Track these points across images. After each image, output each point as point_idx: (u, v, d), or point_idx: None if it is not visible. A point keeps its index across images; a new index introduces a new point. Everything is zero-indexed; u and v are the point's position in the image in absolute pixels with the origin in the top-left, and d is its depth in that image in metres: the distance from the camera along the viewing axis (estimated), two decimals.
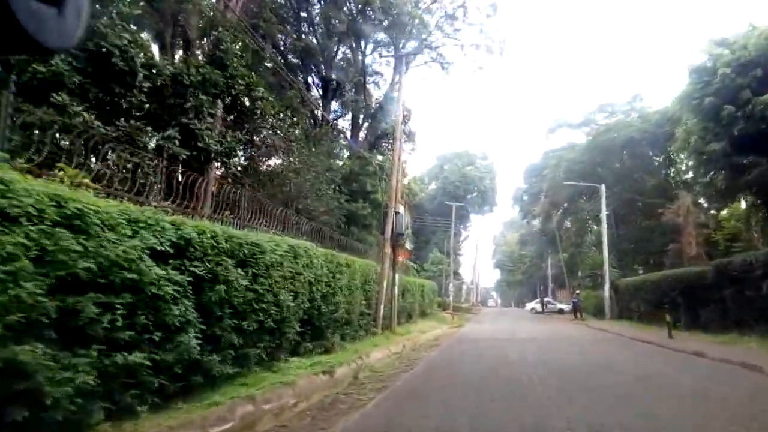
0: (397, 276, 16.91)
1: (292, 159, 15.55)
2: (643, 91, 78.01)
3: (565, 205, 39.88)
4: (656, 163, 35.22)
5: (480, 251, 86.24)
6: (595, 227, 35.95)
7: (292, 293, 6.63)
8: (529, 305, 50.40)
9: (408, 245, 23.84)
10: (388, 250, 15.43)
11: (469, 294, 62.92)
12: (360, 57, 26.89)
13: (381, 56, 28.47)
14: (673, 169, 34.18)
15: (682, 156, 30.46)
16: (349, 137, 26.61)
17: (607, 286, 29.05)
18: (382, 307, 14.67)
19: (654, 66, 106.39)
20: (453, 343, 15.29)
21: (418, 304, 23.16)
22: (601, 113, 40.53)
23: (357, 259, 12.31)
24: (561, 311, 45.81)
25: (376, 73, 29.48)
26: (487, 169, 59.50)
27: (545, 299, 48.73)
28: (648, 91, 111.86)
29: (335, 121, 26.34)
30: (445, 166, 57.48)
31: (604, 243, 29.53)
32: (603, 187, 29.78)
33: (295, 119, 16.63)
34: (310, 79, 26.12)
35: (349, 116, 28.03)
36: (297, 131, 16.36)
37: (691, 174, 29.11)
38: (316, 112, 23.49)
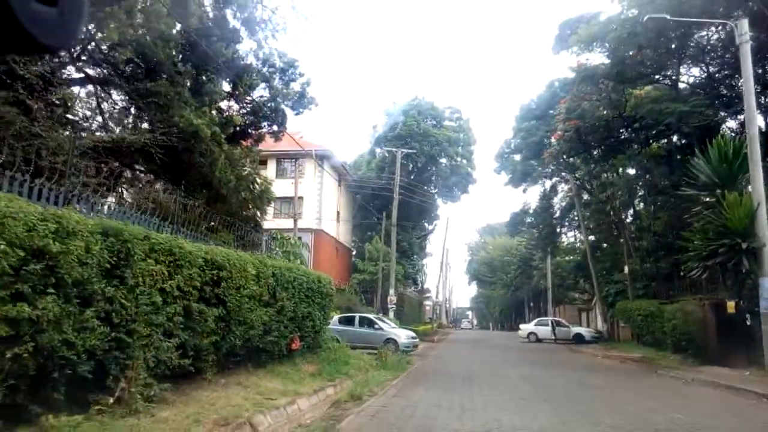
0: None
1: None
2: None
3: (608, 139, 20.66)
4: None
5: (450, 256, 67.81)
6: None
7: None
8: (525, 328, 31.57)
9: None
10: None
11: (434, 312, 44.17)
12: None
13: None
14: None
15: None
16: None
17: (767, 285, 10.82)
18: None
19: None
20: None
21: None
22: None
23: None
24: (580, 338, 27.56)
25: None
26: (460, 131, 41.39)
27: (556, 319, 30.15)
28: None
29: None
30: (397, 122, 39.06)
31: (758, 168, 11.23)
32: (745, 22, 11.66)
33: None
34: None
35: None
36: None
37: None
38: None
